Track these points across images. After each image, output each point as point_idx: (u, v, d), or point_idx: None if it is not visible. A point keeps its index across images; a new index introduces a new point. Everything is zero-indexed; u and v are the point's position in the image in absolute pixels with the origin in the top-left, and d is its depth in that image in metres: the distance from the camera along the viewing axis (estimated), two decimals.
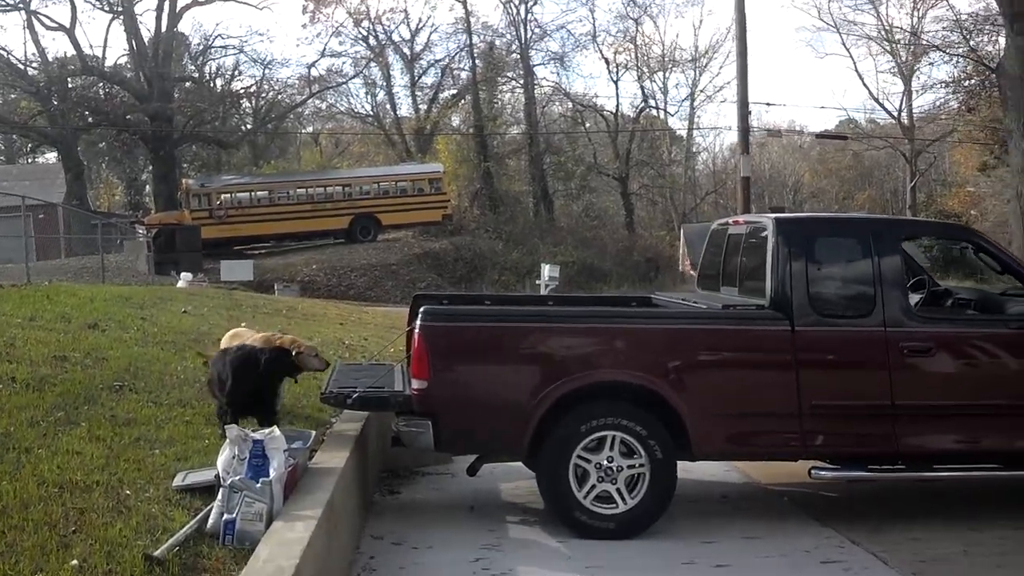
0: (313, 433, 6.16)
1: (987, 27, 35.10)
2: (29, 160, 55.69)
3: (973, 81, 37.40)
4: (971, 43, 37.28)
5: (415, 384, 6.31)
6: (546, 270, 23.22)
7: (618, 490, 6.29)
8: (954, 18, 39.00)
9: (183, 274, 23.33)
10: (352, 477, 6.16)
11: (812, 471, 6.56)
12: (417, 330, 6.31)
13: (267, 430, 5.42)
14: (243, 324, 11.79)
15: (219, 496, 4.98)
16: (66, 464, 5.49)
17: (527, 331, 6.54)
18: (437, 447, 6.37)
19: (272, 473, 5.10)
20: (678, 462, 6.43)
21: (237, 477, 5.03)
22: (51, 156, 50.43)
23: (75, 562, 4.22)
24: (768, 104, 63.49)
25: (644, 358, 6.43)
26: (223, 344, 7.86)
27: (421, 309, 6.46)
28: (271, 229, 36.16)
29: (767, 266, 6.75)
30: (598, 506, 6.29)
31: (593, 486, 6.28)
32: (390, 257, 35.06)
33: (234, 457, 5.22)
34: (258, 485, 4.98)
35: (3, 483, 5.04)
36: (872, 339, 6.60)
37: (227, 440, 5.34)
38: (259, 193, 37.16)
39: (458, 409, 6.30)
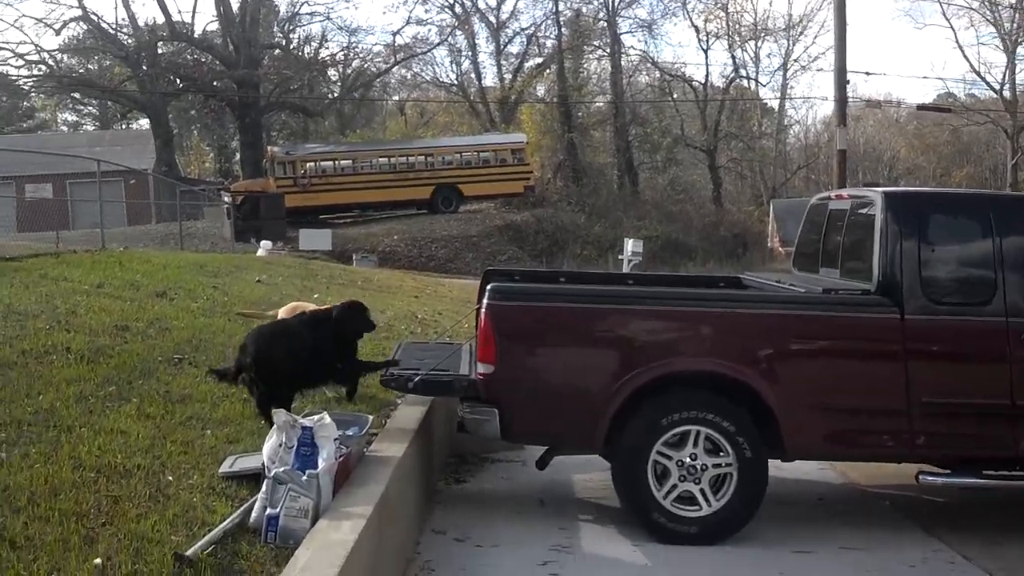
0: (371, 418, 5.72)
1: None
2: (123, 126, 56.76)
3: None
4: None
5: (481, 368, 5.81)
6: (629, 245, 22.66)
7: (702, 491, 5.72)
8: None
9: (263, 242, 23.27)
10: (412, 466, 5.72)
11: (920, 476, 5.89)
12: (483, 310, 5.81)
13: (316, 416, 5.00)
14: (315, 295, 11.52)
15: (263, 488, 4.59)
16: (107, 445, 5.16)
17: (603, 313, 5.96)
18: (503, 436, 5.87)
19: (321, 464, 4.68)
20: (769, 461, 5.84)
21: (282, 468, 4.62)
22: (145, 122, 51.11)
23: (98, 560, 3.85)
24: (867, 74, 61.20)
25: (733, 346, 5.82)
26: (281, 317, 7.52)
27: (488, 287, 5.95)
28: (354, 198, 35.97)
29: (874, 246, 6.06)
30: (679, 508, 5.72)
31: (674, 486, 5.71)
32: (471, 228, 34.68)
33: (281, 445, 4.82)
34: (304, 478, 4.56)
35: (36, 466, 4.72)
36: (991, 330, 5.90)
37: (274, 426, 4.94)
38: (343, 162, 37.03)
39: (526, 397, 5.78)
